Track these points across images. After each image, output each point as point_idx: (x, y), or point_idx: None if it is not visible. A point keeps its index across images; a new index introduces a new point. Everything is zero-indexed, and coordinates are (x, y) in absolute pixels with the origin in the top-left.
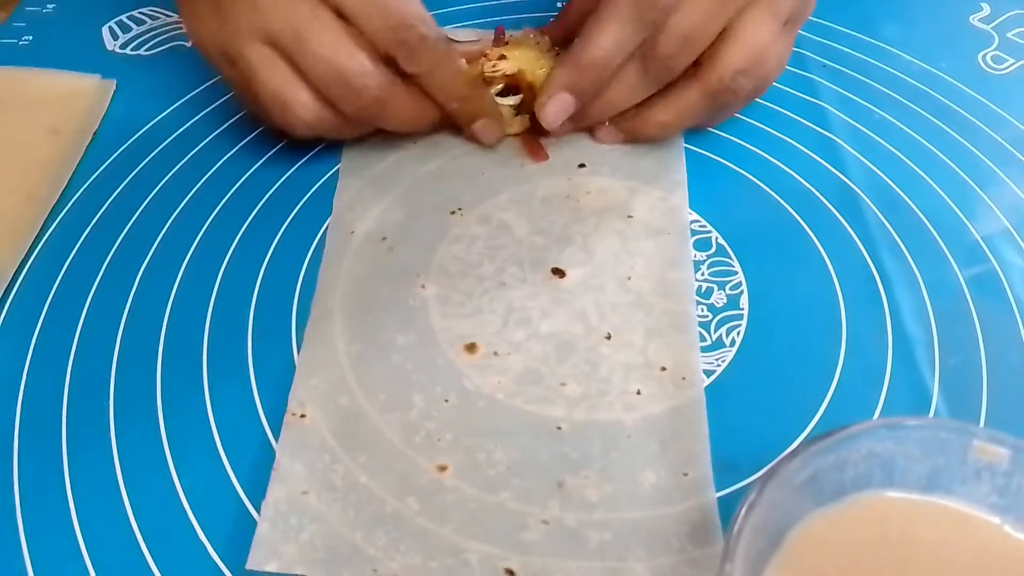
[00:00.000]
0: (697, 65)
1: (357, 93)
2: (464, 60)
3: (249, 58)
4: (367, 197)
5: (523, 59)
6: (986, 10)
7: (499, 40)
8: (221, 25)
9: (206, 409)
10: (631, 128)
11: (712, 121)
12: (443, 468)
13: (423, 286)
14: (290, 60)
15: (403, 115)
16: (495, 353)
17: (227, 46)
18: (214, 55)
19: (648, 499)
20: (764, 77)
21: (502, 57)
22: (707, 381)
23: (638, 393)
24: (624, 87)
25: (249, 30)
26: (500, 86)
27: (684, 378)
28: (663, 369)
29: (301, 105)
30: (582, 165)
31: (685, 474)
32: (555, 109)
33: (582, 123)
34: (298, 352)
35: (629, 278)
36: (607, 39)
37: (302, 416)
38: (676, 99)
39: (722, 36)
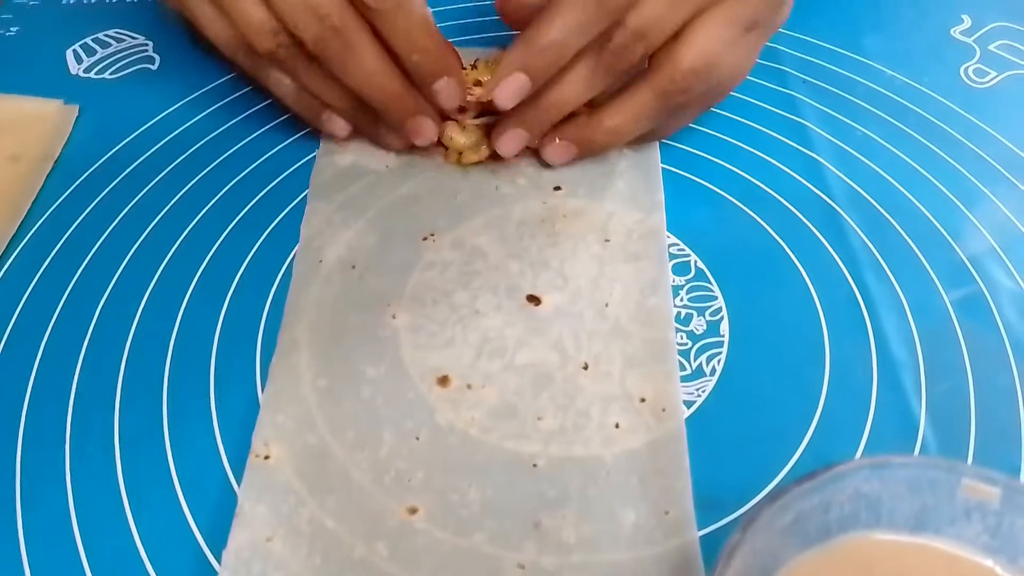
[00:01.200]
0: (649, 67)
1: (320, 19)
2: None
3: None
4: (336, 222)
5: None
6: (967, 22)
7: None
8: None
9: (165, 450)
10: (581, 137)
11: (666, 128)
12: (413, 510)
13: (394, 316)
14: None
15: (365, 65)
16: (468, 386)
17: None
18: None
19: (628, 540)
20: (719, 82)
21: (477, 83)
22: (687, 412)
23: (617, 426)
24: (575, 82)
25: None
26: (475, 112)
27: (664, 409)
28: (642, 400)
29: (269, 24)
30: (558, 188)
31: (666, 512)
32: (510, 90)
33: (534, 128)
34: (262, 388)
35: (607, 304)
36: (565, 21)
37: (266, 457)
38: (627, 100)
39: (676, 36)
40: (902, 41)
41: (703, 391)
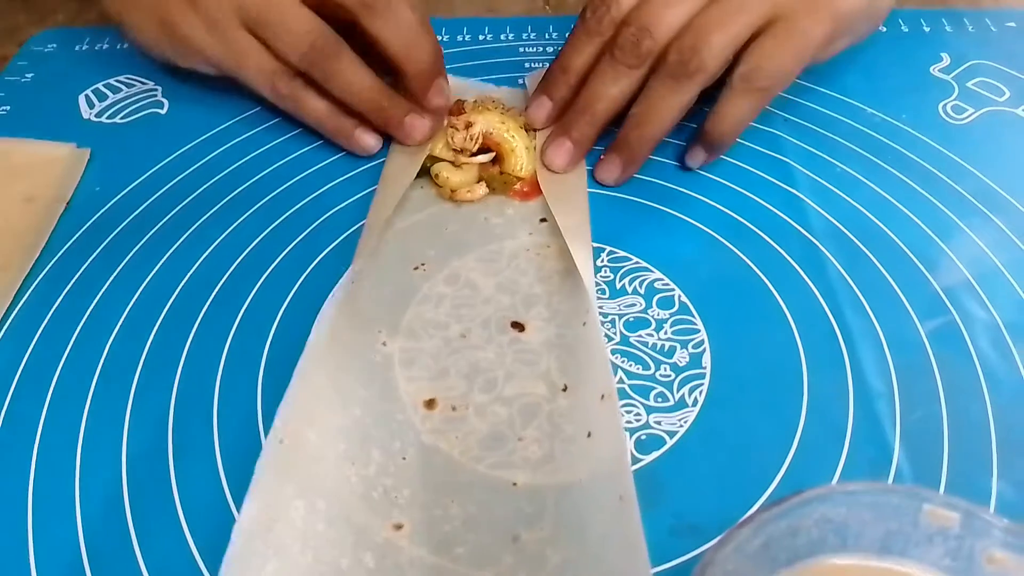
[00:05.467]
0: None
1: (302, 37)
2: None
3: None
4: None
5: (489, 122)
6: (946, 60)
7: (457, 108)
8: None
9: (170, 480)
10: (619, 143)
11: (712, 124)
12: (399, 526)
13: (384, 343)
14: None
15: (350, 73)
16: (453, 408)
17: (213, 22)
18: (227, 22)
19: (596, 541)
20: (738, 67)
21: (468, 124)
22: (670, 443)
23: (588, 436)
24: (601, 80)
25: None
26: (475, 148)
27: (609, 396)
28: (602, 398)
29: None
30: (543, 220)
31: (620, 498)
32: (537, 110)
33: (574, 133)
34: (263, 415)
35: (584, 324)
36: (562, 52)
37: (281, 441)
38: (646, 91)
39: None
40: (882, 79)
41: (685, 421)
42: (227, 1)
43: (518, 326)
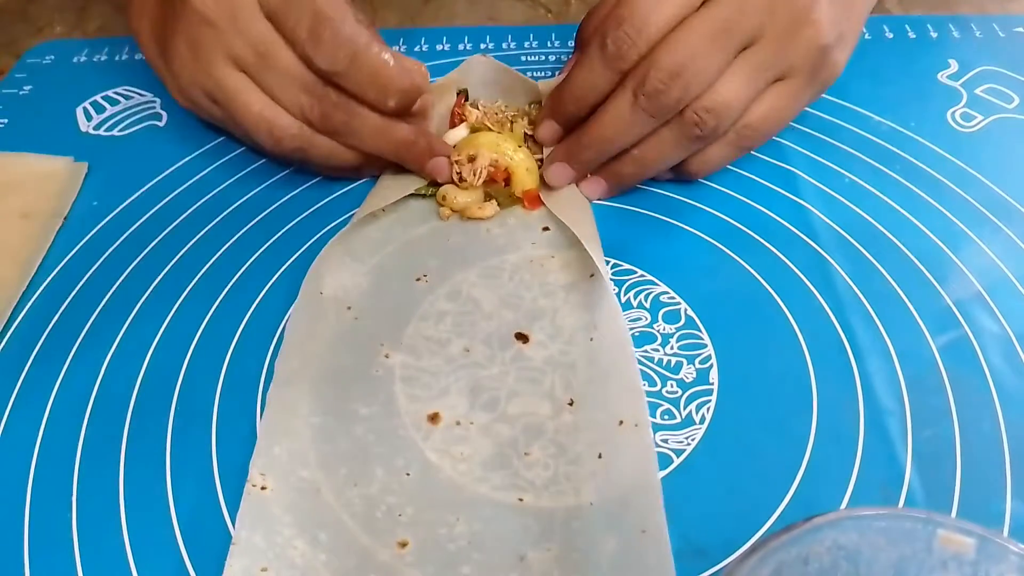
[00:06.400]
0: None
1: (319, 99)
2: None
3: (226, 87)
4: (334, 262)
5: (490, 147)
6: (954, 67)
7: (458, 106)
8: (195, 62)
9: (167, 498)
10: (611, 170)
11: (697, 163)
12: (403, 544)
13: (387, 356)
14: (255, 78)
15: (369, 124)
16: (457, 423)
17: (205, 81)
18: (198, 97)
19: (609, 565)
20: (748, 124)
21: (472, 158)
22: (677, 461)
23: (599, 457)
24: (614, 121)
25: (218, 58)
26: (480, 183)
27: (636, 425)
28: (620, 423)
29: (281, 120)
30: (546, 228)
31: (643, 531)
32: (544, 133)
33: (576, 162)
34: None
35: (592, 339)
36: (577, 77)
37: (263, 488)
38: (652, 133)
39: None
40: (889, 86)
41: (693, 439)
42: (199, 84)
43: (522, 337)
